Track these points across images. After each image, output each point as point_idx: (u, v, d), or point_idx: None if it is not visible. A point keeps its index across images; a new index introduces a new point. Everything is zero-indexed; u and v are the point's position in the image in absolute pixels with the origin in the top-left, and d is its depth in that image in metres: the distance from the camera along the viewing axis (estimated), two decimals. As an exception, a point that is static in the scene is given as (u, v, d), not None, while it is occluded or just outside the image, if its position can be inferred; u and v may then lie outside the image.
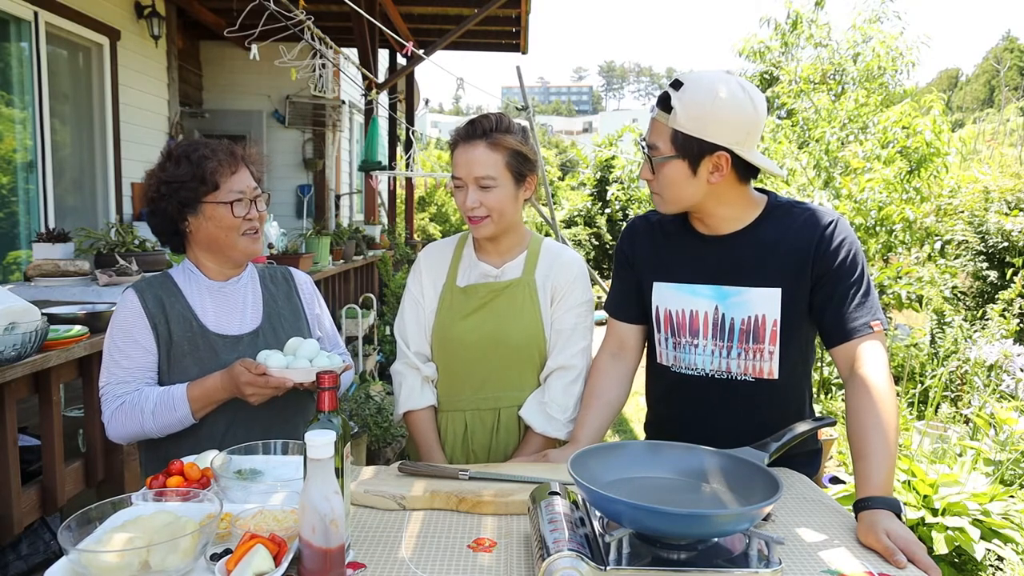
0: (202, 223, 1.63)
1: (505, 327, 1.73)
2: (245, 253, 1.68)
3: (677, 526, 1.02)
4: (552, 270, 1.77)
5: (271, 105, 8.85)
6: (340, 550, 1.00)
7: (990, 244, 6.43)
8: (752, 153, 1.47)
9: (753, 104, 1.45)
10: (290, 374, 1.51)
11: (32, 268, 3.53)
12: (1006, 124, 15.28)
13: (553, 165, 23.48)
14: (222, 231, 1.63)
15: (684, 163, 1.46)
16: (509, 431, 1.77)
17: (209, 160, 1.60)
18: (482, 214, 1.69)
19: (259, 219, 1.68)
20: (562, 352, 1.75)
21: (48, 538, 2.54)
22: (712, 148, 1.44)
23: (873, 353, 1.44)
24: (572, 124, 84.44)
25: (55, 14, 5.01)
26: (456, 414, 1.79)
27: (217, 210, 1.61)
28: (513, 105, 6.18)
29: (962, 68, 74.95)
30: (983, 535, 2.75)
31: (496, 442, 1.77)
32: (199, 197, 1.60)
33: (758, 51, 6.67)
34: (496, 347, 1.73)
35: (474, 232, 1.75)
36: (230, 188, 1.62)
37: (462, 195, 1.70)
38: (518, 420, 1.77)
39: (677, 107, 1.44)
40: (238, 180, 1.64)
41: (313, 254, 5.09)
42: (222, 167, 1.61)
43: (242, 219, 1.63)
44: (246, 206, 1.64)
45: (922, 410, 4.57)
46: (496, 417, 1.77)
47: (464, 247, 1.86)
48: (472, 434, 1.78)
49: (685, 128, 1.44)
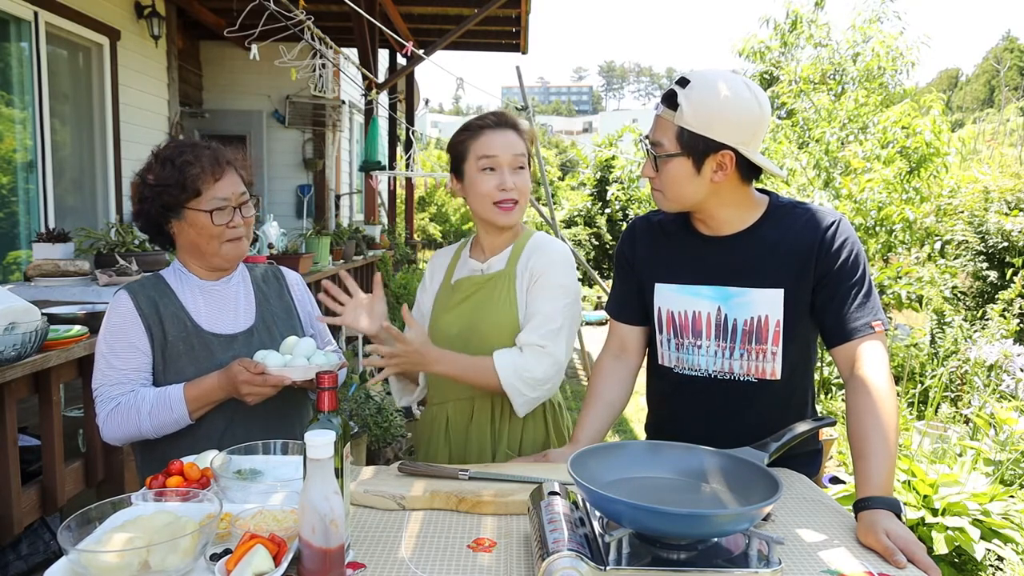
0: (184, 228, 1.62)
1: (481, 317, 1.74)
2: (227, 259, 1.67)
3: (677, 526, 1.02)
4: (530, 258, 1.75)
5: (271, 105, 8.86)
6: (340, 550, 1.00)
7: (990, 244, 6.43)
8: (756, 154, 1.47)
9: (759, 104, 1.46)
10: (288, 372, 1.51)
11: (32, 268, 3.54)
12: (1006, 124, 15.28)
13: (553, 165, 23.48)
14: (203, 239, 1.61)
15: (688, 161, 1.46)
16: (483, 423, 1.78)
17: (192, 166, 1.57)
18: (515, 197, 1.70)
19: (245, 224, 1.65)
20: (533, 331, 1.66)
21: (48, 538, 2.55)
22: (717, 147, 1.44)
23: (874, 353, 1.44)
24: (572, 124, 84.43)
25: (55, 14, 5.01)
26: (440, 407, 1.82)
27: (198, 217, 1.59)
28: (513, 105, 6.19)
29: (962, 68, 75.02)
30: (983, 535, 2.75)
31: (470, 433, 1.78)
32: (181, 202, 1.59)
33: (758, 51, 6.67)
34: (472, 338, 1.73)
35: (502, 219, 1.72)
36: (212, 195, 1.59)
37: (496, 177, 1.68)
38: (491, 410, 1.77)
39: (684, 104, 1.44)
40: (222, 187, 1.60)
41: (313, 254, 5.09)
42: (204, 174, 1.58)
43: (224, 227, 1.61)
44: (228, 214, 1.61)
45: (922, 410, 4.57)
46: (472, 407, 1.78)
47: (463, 249, 1.89)
48: (453, 425, 1.80)
49: (691, 126, 1.44)
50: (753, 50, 6.69)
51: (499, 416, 1.77)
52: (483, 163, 1.68)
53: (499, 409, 1.77)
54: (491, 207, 1.70)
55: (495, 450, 1.77)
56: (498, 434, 1.77)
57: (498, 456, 1.76)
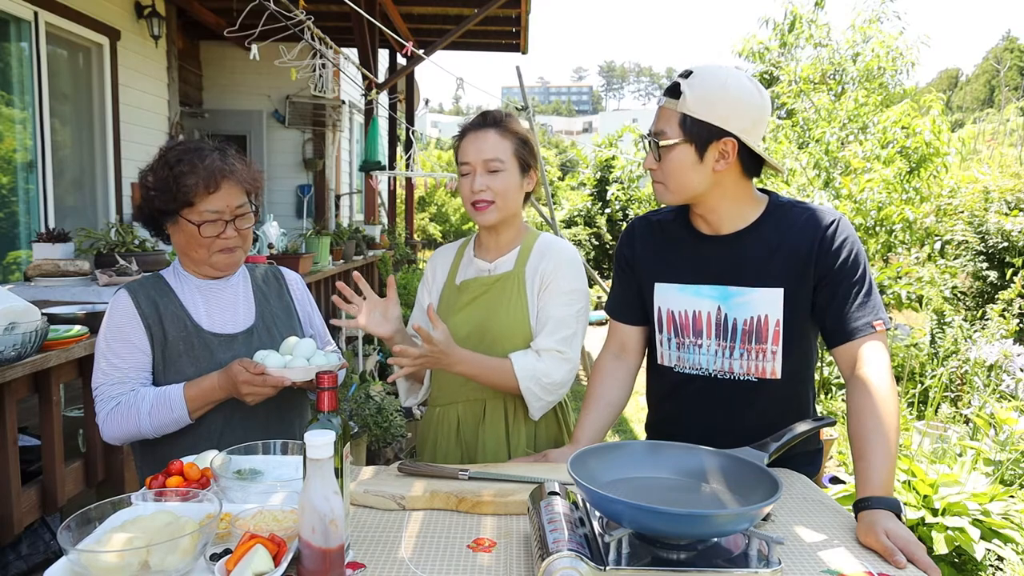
0: (177, 232, 1.63)
1: (491, 318, 1.75)
2: (218, 268, 1.67)
3: (677, 526, 1.02)
4: (542, 260, 1.78)
5: (271, 105, 8.86)
6: (340, 550, 1.00)
7: (990, 244, 6.43)
8: (757, 144, 1.48)
9: (760, 94, 1.48)
10: (288, 373, 1.51)
11: (32, 268, 3.54)
12: (1006, 124, 15.28)
13: (553, 165, 23.48)
14: (192, 247, 1.62)
15: (691, 148, 1.47)
16: (496, 423, 1.79)
17: (187, 176, 1.56)
18: (488, 198, 1.71)
19: (241, 236, 1.64)
20: (549, 336, 1.71)
21: (48, 538, 2.54)
22: (720, 133, 1.45)
23: (875, 353, 1.44)
24: (572, 124, 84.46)
25: (55, 14, 5.01)
26: (450, 408, 1.82)
27: (188, 226, 1.59)
28: (513, 105, 6.19)
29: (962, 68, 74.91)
30: (983, 535, 2.75)
31: (483, 433, 1.79)
32: (174, 210, 1.59)
33: (757, 51, 6.67)
34: (482, 339, 1.75)
35: (478, 219, 1.75)
36: (205, 208, 1.58)
37: (468, 181, 1.72)
38: (504, 411, 1.78)
39: (687, 92, 1.45)
40: (216, 200, 1.58)
41: (313, 254, 5.09)
42: (198, 187, 1.56)
43: (214, 238, 1.60)
44: (219, 227, 1.59)
45: (922, 410, 4.57)
46: (483, 408, 1.79)
47: (466, 248, 1.89)
48: (464, 426, 1.80)
49: (694, 112, 1.45)
50: (753, 50, 6.69)
51: (512, 416, 1.79)
52: (462, 168, 1.74)
53: (512, 409, 1.78)
54: (470, 207, 1.75)
55: (510, 449, 1.78)
56: (512, 434, 1.79)
57: (515, 456, 1.77)
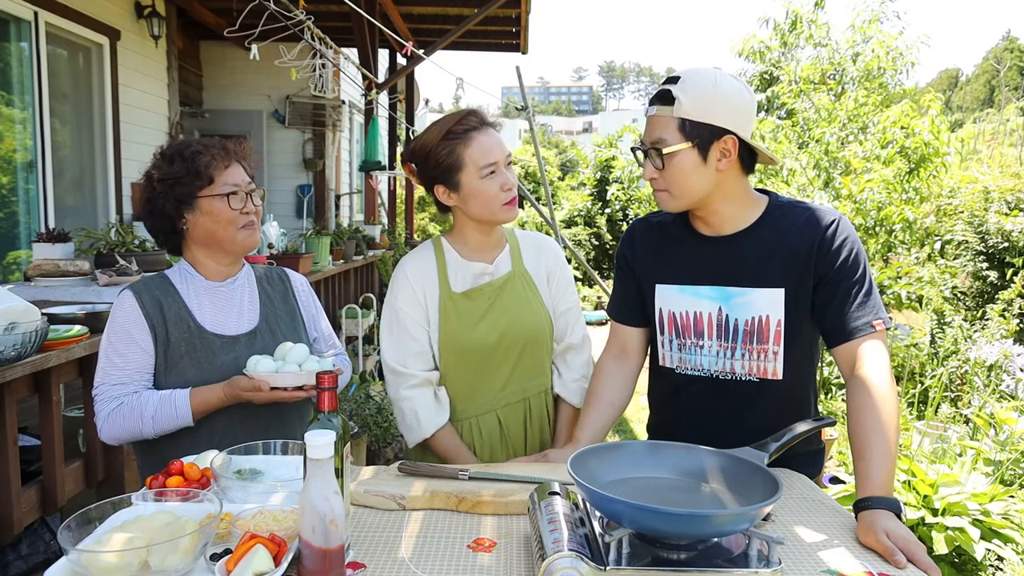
0: (199, 218, 1.63)
1: (519, 320, 1.76)
2: (243, 246, 1.68)
3: (677, 526, 1.02)
4: (539, 256, 1.85)
5: (271, 105, 8.85)
6: (340, 550, 1.00)
7: (990, 244, 6.43)
8: (753, 140, 1.50)
9: (747, 90, 1.51)
10: (279, 379, 1.52)
11: (32, 268, 3.53)
12: (1006, 124, 15.28)
13: (553, 165, 23.46)
14: (219, 225, 1.63)
15: (694, 150, 1.47)
16: (541, 417, 1.84)
17: (202, 155, 1.62)
18: (515, 193, 1.72)
19: (256, 213, 1.69)
20: (573, 332, 1.87)
21: (48, 538, 2.54)
22: (720, 132, 1.45)
23: (875, 353, 1.44)
24: (572, 124, 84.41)
25: (55, 14, 5.01)
26: (487, 416, 1.78)
27: (213, 204, 1.62)
28: (513, 105, 6.19)
29: (962, 68, 74.93)
30: (983, 535, 2.75)
31: (531, 431, 1.82)
32: (195, 192, 1.61)
33: (757, 51, 6.68)
34: (515, 341, 1.76)
35: (507, 216, 1.71)
36: (224, 181, 1.63)
37: (498, 179, 1.66)
38: (545, 405, 1.84)
39: (680, 97, 1.45)
40: (232, 174, 1.65)
41: (313, 254, 5.09)
42: (215, 161, 1.63)
43: (239, 212, 1.64)
44: (242, 199, 1.65)
45: (922, 410, 4.57)
46: (527, 407, 1.81)
47: (444, 253, 1.78)
48: (508, 429, 1.80)
49: (692, 115, 1.45)
50: (753, 50, 6.70)
51: (550, 409, 1.87)
52: (485, 171, 1.65)
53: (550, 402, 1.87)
54: (499, 208, 1.69)
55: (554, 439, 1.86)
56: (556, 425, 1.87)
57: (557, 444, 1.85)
